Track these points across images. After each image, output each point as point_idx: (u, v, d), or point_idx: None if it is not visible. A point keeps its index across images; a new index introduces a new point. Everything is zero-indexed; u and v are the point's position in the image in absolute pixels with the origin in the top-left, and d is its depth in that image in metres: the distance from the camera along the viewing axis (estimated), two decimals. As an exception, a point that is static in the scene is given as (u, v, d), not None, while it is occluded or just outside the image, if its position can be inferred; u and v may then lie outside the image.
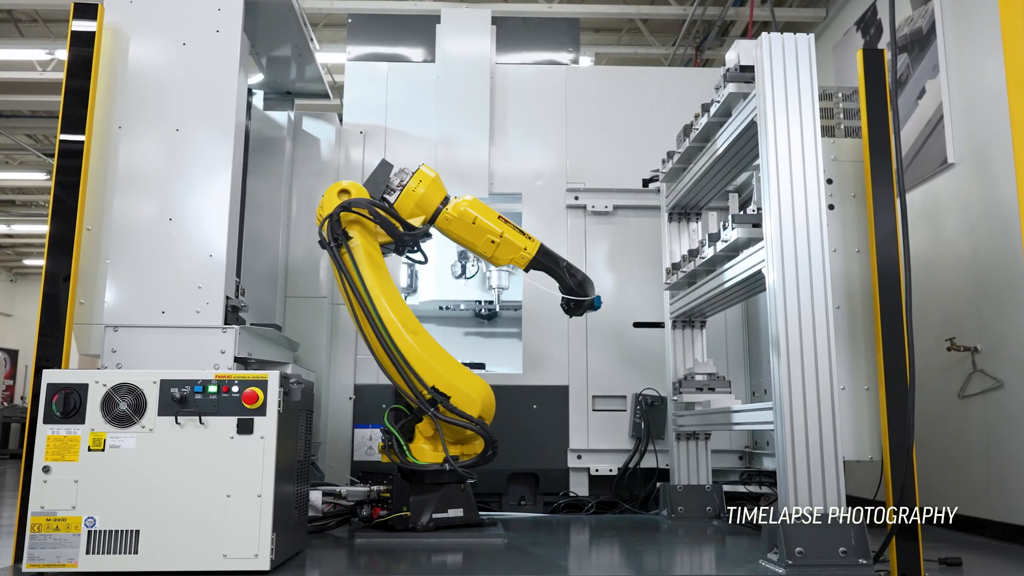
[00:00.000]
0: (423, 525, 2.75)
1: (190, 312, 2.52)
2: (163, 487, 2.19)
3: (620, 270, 4.03)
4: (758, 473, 3.81)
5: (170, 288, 2.54)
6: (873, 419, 2.56)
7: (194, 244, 2.59)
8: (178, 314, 2.52)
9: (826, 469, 2.28)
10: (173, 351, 2.47)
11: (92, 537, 2.15)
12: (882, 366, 2.48)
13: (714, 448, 3.56)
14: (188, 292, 2.54)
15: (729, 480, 3.80)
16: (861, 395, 2.59)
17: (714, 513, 3.36)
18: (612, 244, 4.06)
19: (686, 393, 3.34)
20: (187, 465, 2.21)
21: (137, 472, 2.20)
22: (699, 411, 3.27)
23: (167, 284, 2.54)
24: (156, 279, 2.55)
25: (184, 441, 2.22)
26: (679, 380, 3.45)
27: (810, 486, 2.27)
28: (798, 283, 2.38)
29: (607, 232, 4.06)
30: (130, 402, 2.23)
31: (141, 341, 2.48)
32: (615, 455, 3.80)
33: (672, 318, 3.58)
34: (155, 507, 2.18)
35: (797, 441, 2.30)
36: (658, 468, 3.68)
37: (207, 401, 2.24)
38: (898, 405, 2.43)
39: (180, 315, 2.52)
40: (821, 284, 2.39)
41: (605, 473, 3.78)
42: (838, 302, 2.57)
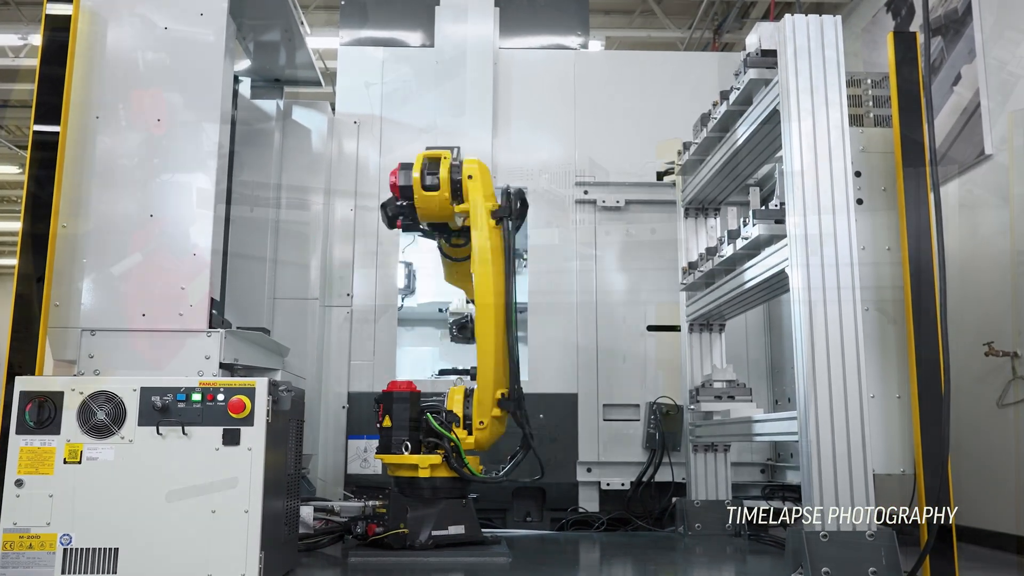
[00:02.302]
0: (422, 543, 2.75)
1: (172, 315, 2.52)
2: (144, 502, 2.19)
3: (633, 269, 4.02)
4: (781, 487, 3.80)
5: (151, 289, 2.54)
6: (905, 429, 2.55)
7: (177, 242, 2.59)
8: (159, 317, 2.52)
9: (855, 483, 2.27)
10: (154, 357, 2.48)
11: (68, 556, 2.16)
12: (915, 373, 2.47)
13: (734, 460, 3.55)
14: (170, 294, 2.54)
15: (750, 495, 3.79)
16: (892, 404, 2.58)
17: (734, 530, 3.35)
18: (623, 242, 4.05)
19: (704, 402, 3.34)
20: (169, 479, 2.21)
21: (116, 486, 2.20)
22: (717, 421, 3.26)
23: (148, 285, 2.55)
24: (136, 280, 2.55)
25: (166, 453, 2.22)
26: (696, 388, 3.44)
27: (837, 500, 2.27)
28: (824, 283, 2.38)
29: (618, 228, 4.06)
30: (108, 411, 2.23)
31: (120, 346, 2.48)
32: (627, 468, 3.79)
33: (688, 321, 3.57)
34: (135, 524, 2.18)
35: (824, 453, 2.29)
36: (674, 482, 3.68)
37: (191, 410, 2.24)
38: (932, 414, 2.42)
39: (162, 318, 2.52)
40: (849, 285, 2.38)
41: (617, 487, 3.78)
42: (867, 304, 2.57)
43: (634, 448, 3.82)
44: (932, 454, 2.40)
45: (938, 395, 2.43)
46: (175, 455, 2.22)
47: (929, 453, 2.41)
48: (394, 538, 2.77)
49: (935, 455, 2.39)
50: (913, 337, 2.49)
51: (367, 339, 3.88)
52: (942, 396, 2.41)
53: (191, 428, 2.23)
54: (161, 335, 2.50)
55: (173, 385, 2.27)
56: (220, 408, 2.25)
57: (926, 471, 2.40)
